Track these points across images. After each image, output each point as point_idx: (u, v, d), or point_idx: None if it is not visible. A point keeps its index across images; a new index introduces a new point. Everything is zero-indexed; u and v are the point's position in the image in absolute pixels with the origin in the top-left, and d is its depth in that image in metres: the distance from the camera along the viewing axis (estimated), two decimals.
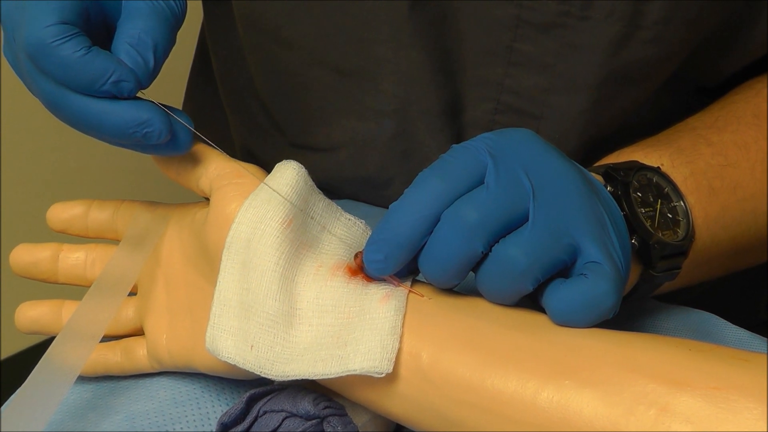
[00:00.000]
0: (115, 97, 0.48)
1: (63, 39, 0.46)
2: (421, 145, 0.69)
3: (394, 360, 0.45)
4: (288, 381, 0.48)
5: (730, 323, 0.61)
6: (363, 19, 0.64)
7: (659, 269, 0.55)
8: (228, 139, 0.82)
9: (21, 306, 0.57)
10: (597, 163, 0.58)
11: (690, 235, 0.57)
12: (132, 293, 0.56)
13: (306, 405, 0.48)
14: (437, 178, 0.47)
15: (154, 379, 0.54)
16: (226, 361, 0.48)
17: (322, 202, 0.52)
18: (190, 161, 0.53)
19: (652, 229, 0.54)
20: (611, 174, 0.55)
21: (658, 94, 0.69)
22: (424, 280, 0.49)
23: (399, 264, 0.47)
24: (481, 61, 0.65)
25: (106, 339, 0.56)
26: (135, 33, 0.48)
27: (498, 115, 0.67)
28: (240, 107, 0.78)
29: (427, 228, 0.47)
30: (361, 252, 0.49)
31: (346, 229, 0.52)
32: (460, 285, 0.49)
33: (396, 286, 0.48)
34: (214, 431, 0.49)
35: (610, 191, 0.54)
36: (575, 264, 0.47)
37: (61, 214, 0.58)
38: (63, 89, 0.48)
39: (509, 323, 0.47)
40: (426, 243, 0.47)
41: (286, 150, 0.74)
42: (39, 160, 1.49)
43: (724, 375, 0.41)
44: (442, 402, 0.45)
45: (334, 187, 0.73)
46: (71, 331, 0.50)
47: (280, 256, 0.49)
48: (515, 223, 0.46)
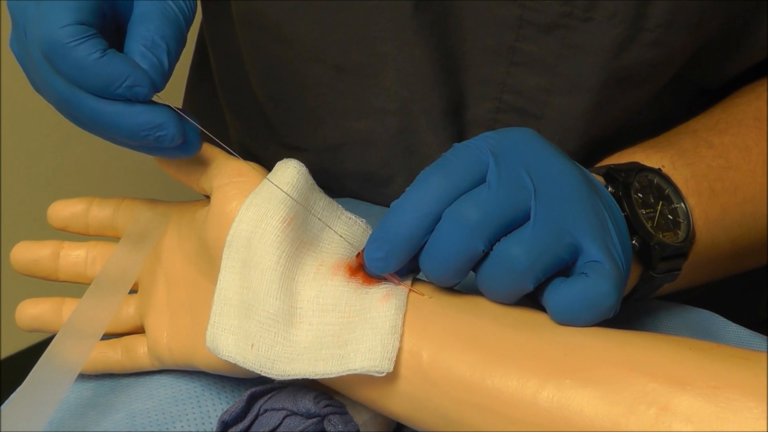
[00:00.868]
0: (128, 100, 0.47)
1: (79, 40, 0.46)
2: (422, 143, 0.69)
3: (394, 359, 0.45)
4: (288, 380, 0.48)
5: (730, 322, 0.61)
6: (367, 16, 0.64)
7: (659, 270, 0.55)
8: (226, 139, 0.82)
9: (22, 303, 0.57)
10: (598, 164, 0.58)
11: (690, 237, 0.57)
12: (133, 291, 0.56)
13: (307, 403, 0.48)
14: (439, 176, 0.47)
15: (155, 378, 0.54)
16: (227, 360, 0.48)
17: (323, 201, 0.52)
18: (191, 159, 0.53)
19: (652, 231, 0.54)
20: (612, 175, 0.55)
21: (659, 95, 0.69)
22: (425, 279, 0.49)
23: (400, 262, 0.47)
24: (483, 60, 0.65)
25: (107, 337, 0.56)
26: (148, 35, 0.48)
27: (500, 114, 0.67)
28: (238, 107, 0.78)
29: (428, 226, 0.47)
30: (362, 251, 0.49)
31: (346, 227, 0.52)
32: (461, 283, 0.49)
33: (396, 284, 0.48)
34: (214, 430, 0.49)
35: (611, 192, 0.54)
36: (576, 263, 0.47)
37: (62, 211, 0.58)
38: (76, 89, 0.47)
39: (510, 322, 0.47)
40: (427, 241, 0.47)
41: (284, 149, 0.74)
42: (39, 158, 1.49)
43: (725, 374, 0.41)
44: (442, 401, 0.45)
45: (334, 186, 0.73)
46: (72, 328, 0.50)
47: (280, 254, 0.49)
48: (516, 221, 0.46)
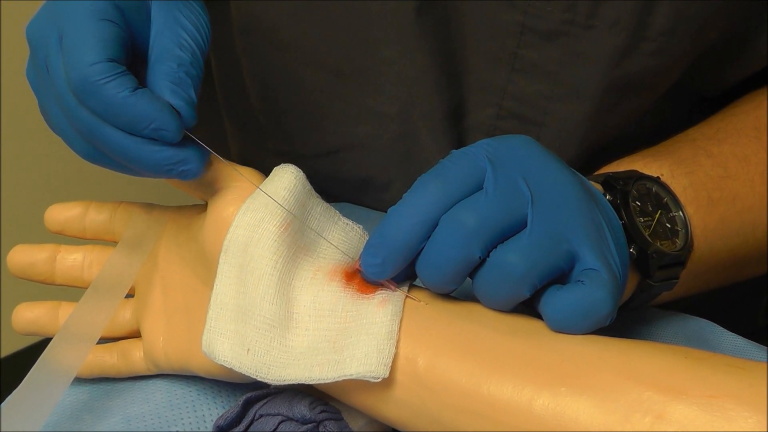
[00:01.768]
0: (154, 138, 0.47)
1: (109, 78, 0.45)
2: (422, 148, 0.69)
3: (390, 365, 0.45)
4: (284, 385, 0.48)
5: (727, 330, 0.61)
6: (369, 20, 0.64)
7: (657, 279, 0.55)
8: (224, 144, 0.82)
9: (18, 307, 0.57)
10: (597, 172, 0.58)
11: (688, 246, 0.57)
12: (129, 295, 0.56)
13: (302, 409, 0.48)
14: (436, 182, 0.47)
15: (151, 382, 0.54)
16: (223, 365, 0.48)
17: (320, 207, 0.52)
18: None
19: (650, 239, 0.54)
20: (611, 182, 0.55)
21: (659, 103, 0.69)
22: (422, 285, 0.49)
23: (396, 268, 0.47)
24: (484, 66, 0.65)
25: (103, 341, 0.56)
26: (173, 71, 0.47)
27: (500, 121, 0.67)
28: (236, 111, 0.78)
29: (424, 232, 0.47)
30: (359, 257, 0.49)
31: (343, 233, 0.52)
32: (458, 290, 0.48)
33: (393, 290, 0.48)
34: None
35: (609, 200, 0.54)
36: (572, 271, 0.47)
37: (59, 215, 0.58)
38: (101, 123, 0.47)
39: (506, 329, 0.47)
40: (424, 247, 0.47)
41: (281, 154, 0.74)
42: (37, 162, 1.49)
43: (721, 383, 0.41)
44: (438, 407, 0.45)
45: (332, 190, 0.73)
46: (68, 332, 0.50)
47: (277, 260, 0.49)
48: (513, 229, 0.46)
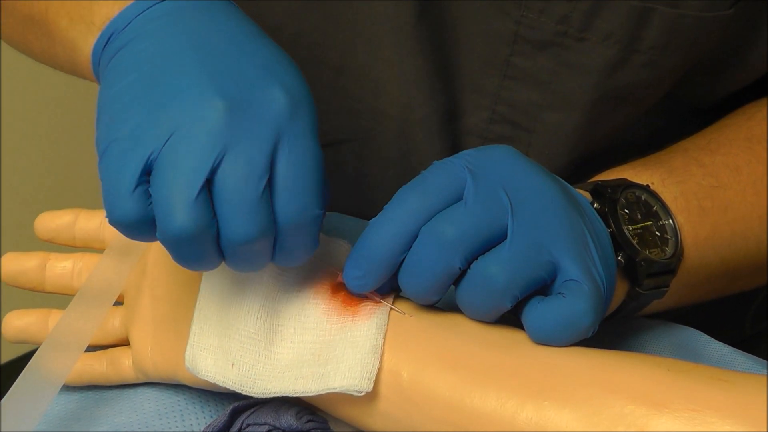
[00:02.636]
0: None
1: (199, 231, 0.43)
2: (418, 148, 0.69)
3: (374, 379, 0.45)
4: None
5: (713, 339, 0.60)
6: (372, 20, 0.64)
7: (646, 287, 0.55)
8: None
9: (8, 315, 0.57)
10: (587, 181, 0.58)
11: (678, 254, 0.57)
12: (119, 303, 0.56)
13: (289, 418, 0.48)
14: (415, 194, 0.47)
15: (139, 391, 0.54)
16: (206, 380, 0.48)
17: None
18: None
19: (638, 247, 0.54)
20: (599, 191, 0.55)
21: (651, 113, 0.69)
22: (407, 297, 0.49)
23: (378, 280, 0.47)
24: (479, 70, 0.65)
25: (92, 349, 0.56)
26: None
27: (493, 125, 0.67)
28: None
29: (405, 244, 0.46)
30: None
31: (328, 247, 0.52)
32: (443, 301, 0.48)
33: (377, 302, 0.48)
34: None
35: (597, 208, 0.54)
36: (555, 281, 0.47)
37: (49, 223, 0.58)
38: None
39: (490, 341, 0.46)
40: (404, 259, 0.47)
41: None
42: (28, 170, 1.49)
43: (703, 396, 0.41)
44: (422, 420, 0.45)
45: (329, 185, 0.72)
46: (56, 340, 0.50)
47: (262, 273, 0.49)
48: (494, 239, 0.46)
